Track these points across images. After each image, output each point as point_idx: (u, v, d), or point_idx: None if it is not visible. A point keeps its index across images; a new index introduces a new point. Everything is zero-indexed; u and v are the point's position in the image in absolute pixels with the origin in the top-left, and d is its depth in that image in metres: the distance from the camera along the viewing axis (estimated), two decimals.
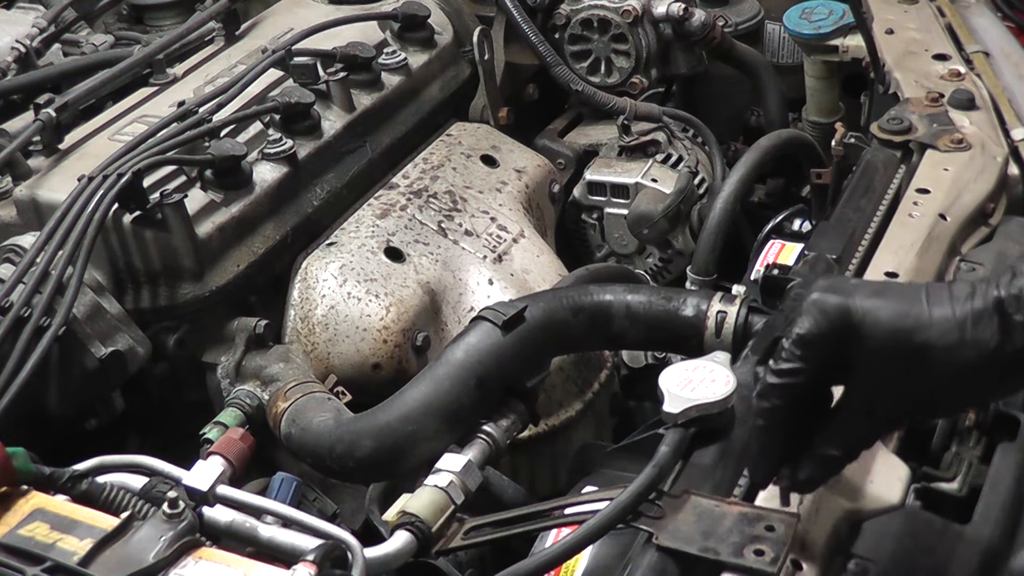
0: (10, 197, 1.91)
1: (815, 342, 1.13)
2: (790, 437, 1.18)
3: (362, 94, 2.23)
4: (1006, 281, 1.09)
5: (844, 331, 1.12)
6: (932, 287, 1.13)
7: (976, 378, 1.11)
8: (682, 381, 1.30)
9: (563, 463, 2.01)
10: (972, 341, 1.09)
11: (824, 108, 2.60)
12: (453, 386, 1.60)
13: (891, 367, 1.12)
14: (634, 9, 2.52)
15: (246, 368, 1.85)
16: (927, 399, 1.15)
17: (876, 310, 1.12)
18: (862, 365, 1.13)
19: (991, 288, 1.10)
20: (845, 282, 1.16)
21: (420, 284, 1.99)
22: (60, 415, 1.73)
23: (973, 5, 2.39)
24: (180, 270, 1.84)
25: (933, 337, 1.10)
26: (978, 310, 1.09)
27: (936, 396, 1.14)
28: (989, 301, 1.09)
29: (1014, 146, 1.94)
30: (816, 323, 1.12)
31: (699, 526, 1.23)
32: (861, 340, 1.12)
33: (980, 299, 1.10)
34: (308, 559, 1.20)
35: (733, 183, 2.30)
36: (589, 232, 2.52)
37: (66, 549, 1.19)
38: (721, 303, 1.60)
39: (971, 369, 1.10)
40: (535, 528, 1.40)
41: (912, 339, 1.10)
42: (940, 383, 1.12)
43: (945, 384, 1.12)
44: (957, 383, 1.12)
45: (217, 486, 1.36)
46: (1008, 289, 1.09)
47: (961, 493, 1.34)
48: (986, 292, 1.10)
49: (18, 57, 2.39)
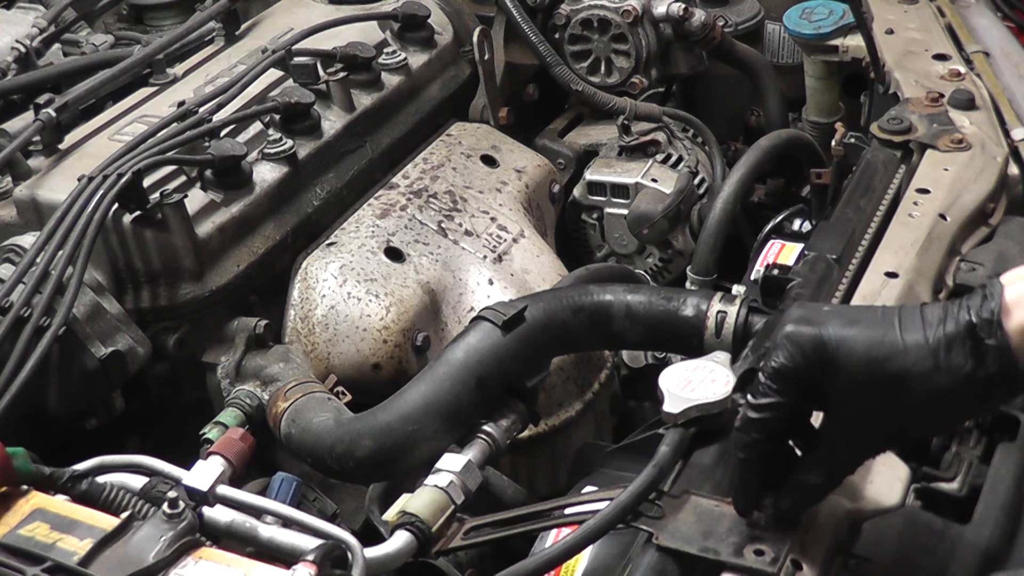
0: (10, 197, 1.91)
1: (791, 376, 1.13)
2: (771, 467, 1.19)
3: (362, 94, 2.23)
4: (976, 305, 1.09)
5: (819, 363, 1.12)
6: (904, 312, 1.13)
7: (953, 403, 1.11)
8: (682, 381, 1.30)
9: (563, 463, 2.01)
10: (946, 367, 1.09)
11: (824, 108, 2.60)
12: (453, 386, 1.60)
13: (867, 395, 1.13)
14: (634, 9, 2.52)
15: (246, 368, 1.85)
16: (905, 425, 1.15)
17: (849, 340, 1.12)
18: (839, 395, 1.14)
19: (962, 312, 1.10)
20: (818, 311, 1.16)
21: (420, 284, 1.99)
22: (60, 415, 1.74)
23: (973, 5, 2.39)
24: (180, 270, 1.84)
25: (907, 364, 1.10)
26: (950, 335, 1.09)
27: (914, 421, 1.14)
28: (961, 326, 1.09)
29: (1014, 146, 1.93)
30: (791, 357, 1.13)
31: (699, 526, 1.23)
32: (836, 371, 1.12)
33: (952, 323, 1.10)
34: (308, 559, 1.20)
35: (733, 183, 2.30)
36: (589, 232, 2.52)
37: (66, 549, 1.19)
38: (721, 303, 1.60)
39: (947, 394, 1.10)
40: (535, 528, 1.40)
41: (886, 368, 1.11)
42: (917, 409, 1.12)
43: (922, 410, 1.12)
44: (934, 408, 1.12)
45: (217, 486, 1.36)
46: (979, 313, 1.09)
47: (961, 493, 1.34)
48: (958, 316, 1.10)
49: (18, 57, 2.39)
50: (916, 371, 1.10)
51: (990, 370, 1.08)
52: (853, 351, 1.11)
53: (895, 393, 1.11)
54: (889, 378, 1.11)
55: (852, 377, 1.12)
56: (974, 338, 1.08)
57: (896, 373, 1.10)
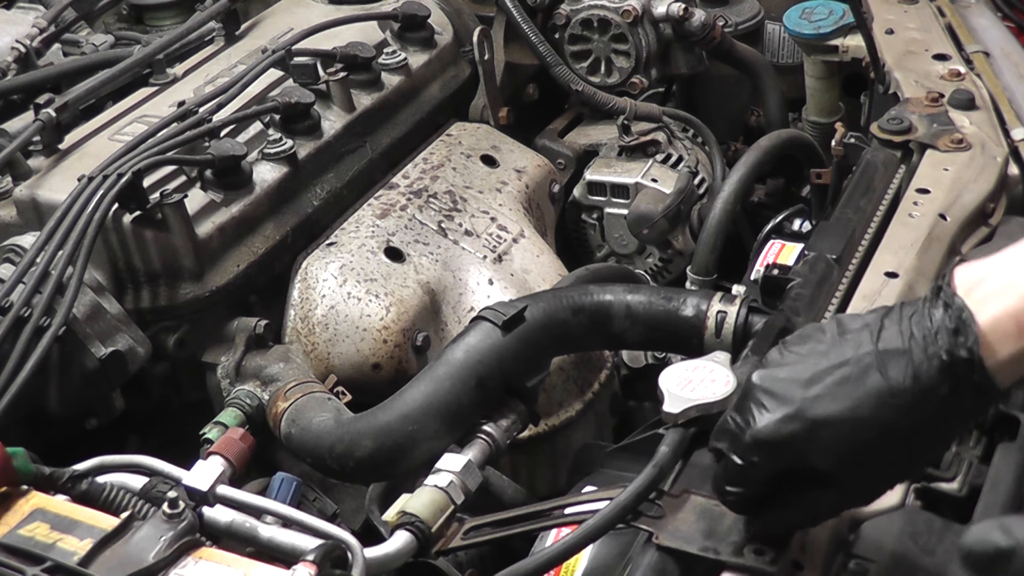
0: (10, 197, 1.91)
1: (765, 478, 1.13)
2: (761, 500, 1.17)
3: (362, 94, 2.23)
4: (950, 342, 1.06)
5: (796, 459, 1.10)
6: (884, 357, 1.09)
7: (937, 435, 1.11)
8: (682, 381, 1.30)
9: (563, 463, 2.01)
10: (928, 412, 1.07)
11: (824, 108, 2.60)
12: (453, 386, 1.60)
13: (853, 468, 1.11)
14: (634, 9, 2.52)
15: (246, 368, 1.85)
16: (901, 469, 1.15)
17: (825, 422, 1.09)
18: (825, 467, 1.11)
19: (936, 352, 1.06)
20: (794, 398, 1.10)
21: (420, 284, 1.99)
22: (60, 415, 1.74)
23: (973, 5, 2.39)
24: (180, 270, 1.84)
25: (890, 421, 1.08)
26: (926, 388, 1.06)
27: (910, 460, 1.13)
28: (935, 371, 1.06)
29: (1014, 146, 1.93)
30: (768, 460, 1.11)
31: (699, 526, 1.23)
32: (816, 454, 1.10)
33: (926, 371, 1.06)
34: (308, 559, 1.20)
35: (733, 183, 2.30)
36: (589, 232, 2.52)
37: (66, 549, 1.19)
38: (721, 303, 1.60)
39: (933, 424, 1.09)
40: (535, 528, 1.40)
41: (866, 433, 1.08)
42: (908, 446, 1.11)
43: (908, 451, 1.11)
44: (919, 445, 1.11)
45: (217, 486, 1.36)
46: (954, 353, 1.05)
47: (961, 493, 1.34)
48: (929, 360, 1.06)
49: (18, 57, 2.39)
50: (900, 427, 1.09)
51: (970, 403, 1.08)
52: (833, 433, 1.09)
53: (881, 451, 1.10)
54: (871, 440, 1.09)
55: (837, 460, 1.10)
56: (954, 377, 1.06)
57: (878, 433, 1.09)
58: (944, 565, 1.23)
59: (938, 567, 1.24)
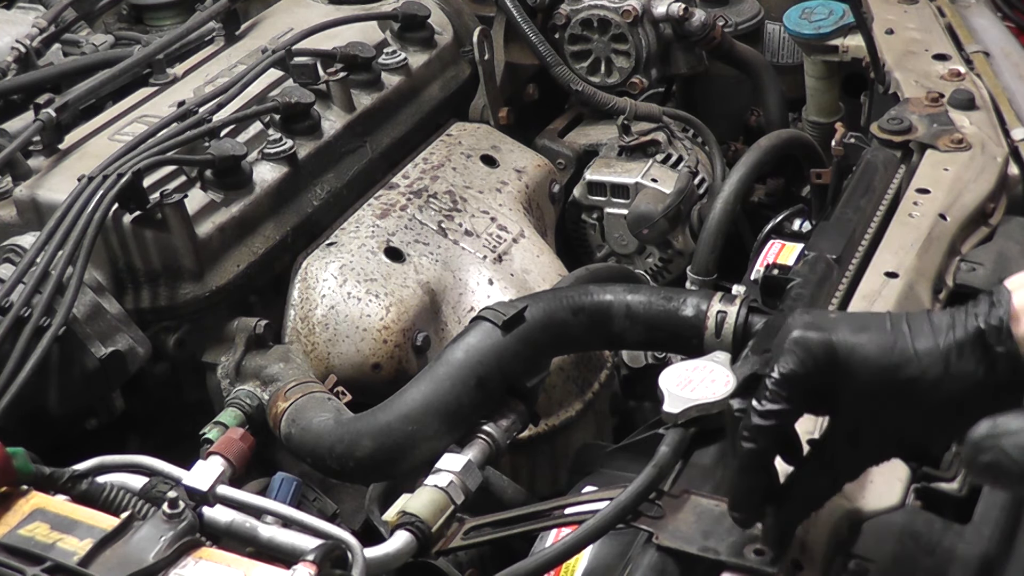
0: (10, 197, 1.91)
1: (800, 382, 1.11)
2: (772, 476, 1.17)
3: (362, 94, 2.23)
4: (984, 311, 1.08)
5: (829, 369, 1.11)
6: (912, 318, 1.12)
7: (962, 410, 1.10)
8: (682, 381, 1.30)
9: (563, 463, 2.01)
10: (956, 374, 1.08)
11: (824, 108, 2.60)
12: (453, 386, 1.60)
13: (877, 402, 1.12)
14: (634, 9, 2.52)
15: (246, 368, 1.85)
16: (914, 431, 1.14)
17: (860, 346, 1.11)
18: (847, 401, 1.12)
19: (971, 318, 1.09)
20: (826, 317, 1.14)
21: (420, 284, 1.99)
22: (60, 415, 1.74)
23: (973, 5, 2.39)
24: (180, 270, 1.84)
25: (918, 371, 1.09)
26: (960, 342, 1.08)
27: (923, 427, 1.13)
28: (970, 333, 1.08)
29: (1014, 146, 1.93)
30: (800, 362, 1.11)
31: (699, 526, 1.23)
32: (847, 377, 1.11)
33: (961, 330, 1.09)
34: (308, 559, 1.19)
35: (733, 183, 2.30)
36: (589, 232, 2.52)
37: (66, 549, 1.19)
38: (721, 303, 1.60)
39: (957, 401, 1.09)
40: (535, 528, 1.40)
41: (898, 375, 1.09)
42: (926, 415, 1.11)
43: (931, 416, 1.11)
44: (944, 415, 1.11)
45: (217, 486, 1.36)
46: (988, 320, 1.08)
47: (961, 493, 1.34)
48: (966, 323, 1.09)
49: (18, 57, 2.39)
50: (927, 378, 1.09)
51: (1000, 377, 1.08)
52: (865, 358, 1.10)
53: (905, 400, 1.10)
54: (900, 385, 1.10)
55: (863, 384, 1.11)
56: (983, 345, 1.07)
57: (907, 380, 1.09)
58: (944, 565, 1.23)
59: (938, 567, 1.24)
